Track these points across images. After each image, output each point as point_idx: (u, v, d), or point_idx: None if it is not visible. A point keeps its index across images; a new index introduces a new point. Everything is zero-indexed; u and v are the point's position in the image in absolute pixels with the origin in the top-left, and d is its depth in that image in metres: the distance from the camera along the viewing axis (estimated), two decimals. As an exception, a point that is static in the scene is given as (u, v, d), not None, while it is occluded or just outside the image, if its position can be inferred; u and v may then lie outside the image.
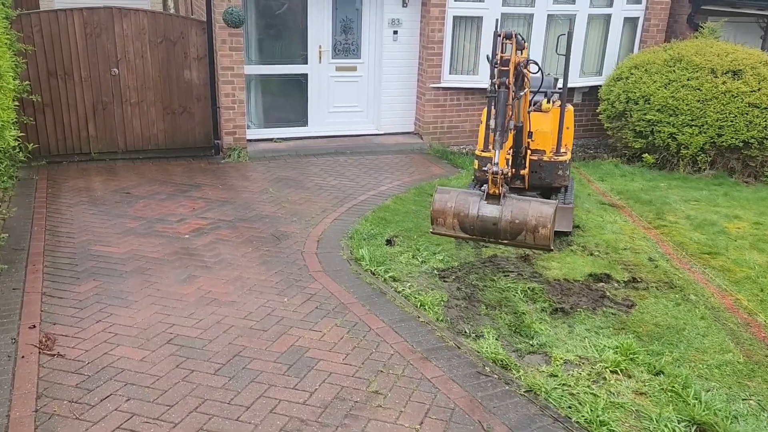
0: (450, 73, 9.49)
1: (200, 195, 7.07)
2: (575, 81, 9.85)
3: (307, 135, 9.52)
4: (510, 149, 5.92)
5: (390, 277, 4.99)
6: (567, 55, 5.72)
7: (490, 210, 4.41)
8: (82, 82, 8.30)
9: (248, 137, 8.90)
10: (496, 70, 4.73)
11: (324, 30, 9.17)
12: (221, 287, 4.90)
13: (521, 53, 5.08)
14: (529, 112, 5.69)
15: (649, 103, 8.35)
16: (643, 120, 8.39)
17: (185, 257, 5.39)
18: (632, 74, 8.71)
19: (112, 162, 8.41)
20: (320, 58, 9.26)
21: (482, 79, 9.49)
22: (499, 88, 4.61)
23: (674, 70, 8.33)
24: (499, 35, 4.77)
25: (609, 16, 9.76)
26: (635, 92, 8.51)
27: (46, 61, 8.05)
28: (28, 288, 4.76)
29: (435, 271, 5.19)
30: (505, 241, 4.49)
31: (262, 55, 9.03)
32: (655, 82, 8.38)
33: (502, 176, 4.39)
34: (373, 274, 5.06)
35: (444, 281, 5.04)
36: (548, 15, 9.36)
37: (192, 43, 8.70)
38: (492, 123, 4.69)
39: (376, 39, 9.43)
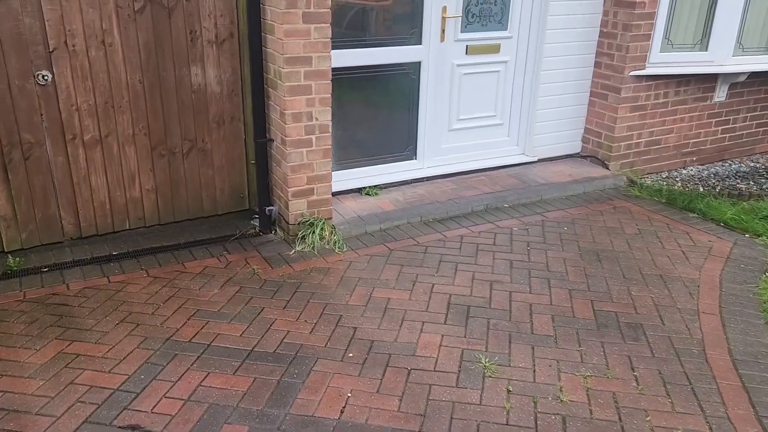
0: (661, 51, 5.38)
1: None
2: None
3: (416, 176, 5.20)
4: None
5: None
6: None
7: None
8: (-32, 106, 3.67)
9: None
10: None
11: (452, -22, 4.84)
12: None
13: None
14: None
15: None
16: None
17: None
18: None
19: (57, 273, 3.84)
20: (443, 32, 4.92)
21: (713, 57, 5.46)
22: None
23: None
24: None
25: None
26: None
27: None
28: None
29: None
30: None
31: (337, 33, 4.59)
32: None
33: None
34: None
35: None
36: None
37: (207, 9, 4.18)
38: None
39: (535, -7, 5.18)
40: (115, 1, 3.87)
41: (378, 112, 4.97)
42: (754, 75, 5.77)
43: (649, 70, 5.33)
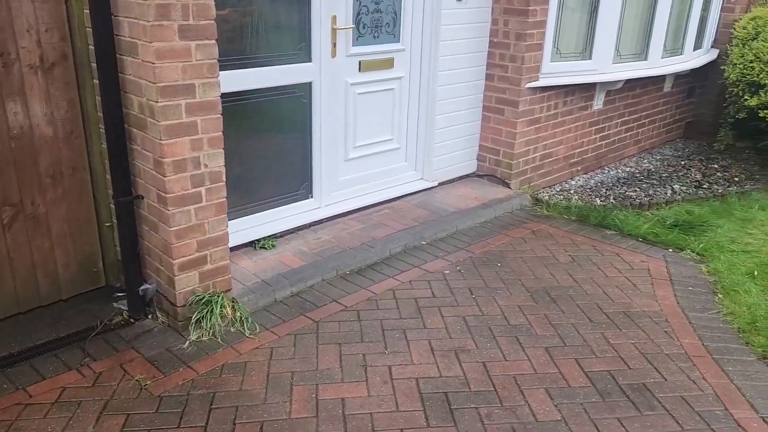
0: (552, 61, 5.13)
1: None
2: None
3: (315, 218, 4.36)
4: None
5: None
6: None
7: None
8: None
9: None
10: None
11: (341, -18, 4.08)
12: None
13: None
14: None
15: None
16: None
17: None
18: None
19: None
20: (334, 46, 4.14)
21: (597, 65, 5.35)
22: None
23: None
24: None
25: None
26: None
27: None
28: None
29: None
30: None
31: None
32: None
33: None
34: None
35: None
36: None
37: (24, 22, 2.98)
38: None
39: (425, 1, 4.60)
40: None
41: (265, 146, 4.04)
42: (625, 81, 5.80)
43: (542, 81, 5.05)
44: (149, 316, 3.38)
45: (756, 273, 3.89)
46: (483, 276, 3.86)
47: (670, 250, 4.32)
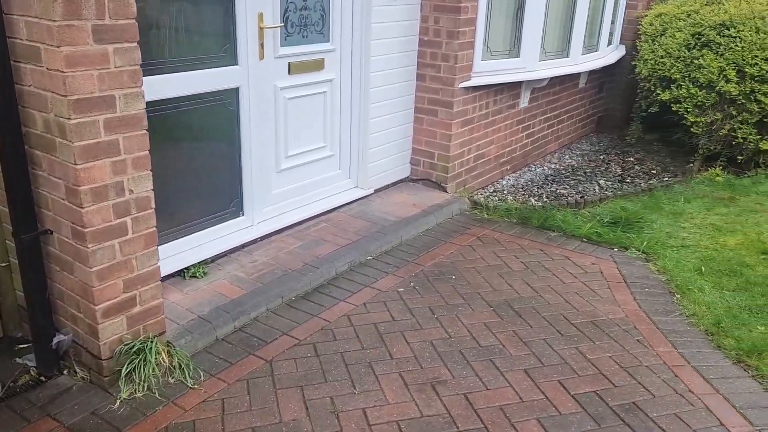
0: (482, 59, 4.97)
1: None
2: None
3: (248, 238, 3.91)
4: None
5: None
6: None
7: None
8: None
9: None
10: None
11: (267, -25, 3.65)
12: None
13: None
14: None
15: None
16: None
17: None
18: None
19: None
20: (262, 47, 3.71)
21: (525, 63, 5.26)
22: None
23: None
24: None
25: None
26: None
27: None
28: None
29: None
30: None
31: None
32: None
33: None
34: None
35: None
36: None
37: None
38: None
39: (356, -4, 4.27)
40: None
41: (189, 160, 3.54)
42: (549, 79, 5.78)
43: (474, 81, 4.87)
44: (64, 372, 2.83)
45: (703, 269, 3.92)
46: (440, 292, 3.61)
47: (616, 249, 4.29)
